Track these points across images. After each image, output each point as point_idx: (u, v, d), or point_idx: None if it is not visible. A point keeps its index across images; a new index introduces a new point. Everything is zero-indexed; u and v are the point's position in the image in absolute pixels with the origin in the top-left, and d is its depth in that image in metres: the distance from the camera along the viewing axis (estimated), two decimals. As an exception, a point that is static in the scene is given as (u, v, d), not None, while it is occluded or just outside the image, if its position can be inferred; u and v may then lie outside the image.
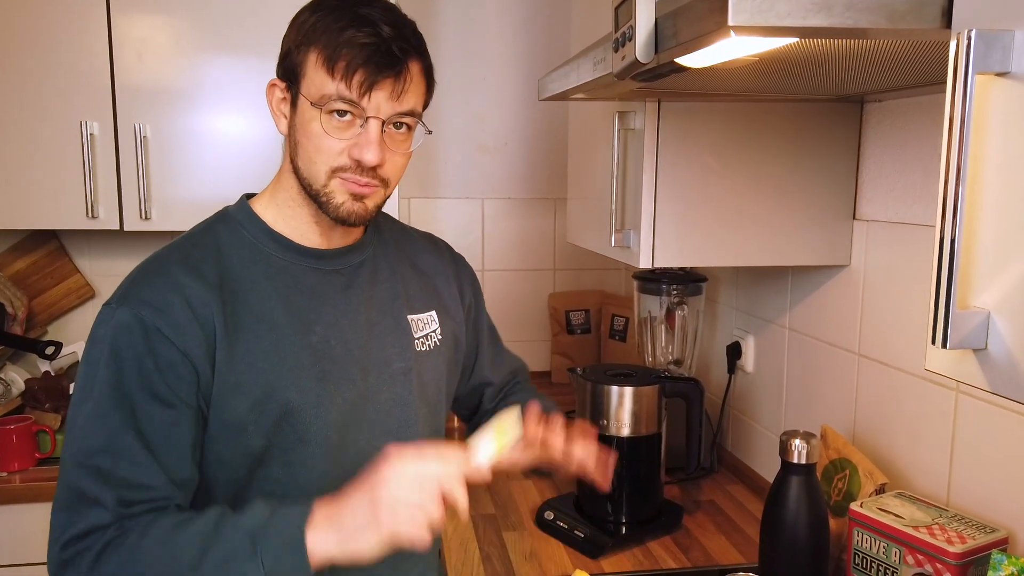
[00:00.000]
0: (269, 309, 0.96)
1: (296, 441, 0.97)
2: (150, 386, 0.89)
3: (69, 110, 1.84)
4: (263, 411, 0.94)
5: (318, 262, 1.01)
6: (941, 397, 1.16)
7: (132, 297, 0.91)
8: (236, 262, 0.97)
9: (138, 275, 0.95)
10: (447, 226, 2.42)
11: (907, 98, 1.23)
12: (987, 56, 0.54)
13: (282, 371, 0.95)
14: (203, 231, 1.01)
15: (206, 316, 0.92)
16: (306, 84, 0.91)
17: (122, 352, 0.89)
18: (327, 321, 1.00)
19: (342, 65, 0.88)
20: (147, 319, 0.89)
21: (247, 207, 1.02)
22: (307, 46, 0.90)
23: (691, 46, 0.67)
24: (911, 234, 1.23)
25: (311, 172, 0.94)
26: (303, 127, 0.93)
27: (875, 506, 1.10)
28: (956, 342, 0.58)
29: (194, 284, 0.92)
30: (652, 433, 1.46)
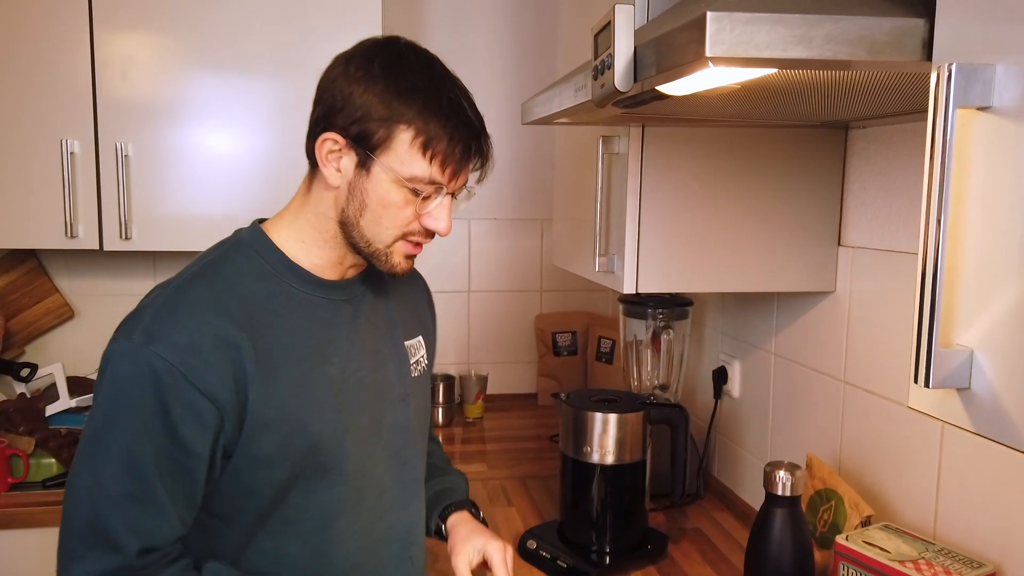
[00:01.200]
0: (294, 343, 0.97)
1: (318, 470, 0.99)
2: (176, 434, 0.89)
3: (49, 128, 1.82)
4: (291, 445, 0.96)
5: (331, 292, 1.03)
6: (927, 427, 1.15)
7: (159, 337, 0.89)
8: (259, 294, 0.97)
9: (162, 310, 0.92)
10: (433, 246, 2.38)
11: (891, 125, 1.23)
12: (968, 90, 0.53)
13: (310, 405, 0.98)
14: (221, 260, 0.99)
15: (237, 358, 0.91)
16: (392, 157, 0.93)
17: (150, 396, 0.88)
18: (342, 352, 1.02)
19: (441, 156, 0.93)
20: (176, 364, 0.88)
21: (264, 236, 1.01)
22: (397, 123, 0.92)
23: (670, 75, 0.66)
24: (896, 261, 1.22)
25: (376, 233, 0.97)
26: (378, 194, 0.94)
27: (861, 539, 1.08)
28: (939, 381, 0.57)
29: (223, 322, 0.92)
30: (636, 460, 1.44)
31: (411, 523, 1.14)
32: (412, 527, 1.15)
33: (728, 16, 0.57)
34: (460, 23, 2.34)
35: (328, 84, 0.96)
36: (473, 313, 2.46)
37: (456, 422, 2.29)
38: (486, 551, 1.12)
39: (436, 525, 1.22)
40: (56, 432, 1.82)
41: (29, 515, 1.67)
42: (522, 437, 2.16)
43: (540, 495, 1.74)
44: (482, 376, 2.32)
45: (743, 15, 0.57)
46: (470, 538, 1.14)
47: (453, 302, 2.44)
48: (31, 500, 1.70)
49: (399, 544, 1.12)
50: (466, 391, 2.31)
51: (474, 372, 2.33)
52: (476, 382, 2.30)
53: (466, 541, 1.14)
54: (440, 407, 2.25)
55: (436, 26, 2.32)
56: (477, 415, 2.31)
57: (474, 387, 2.30)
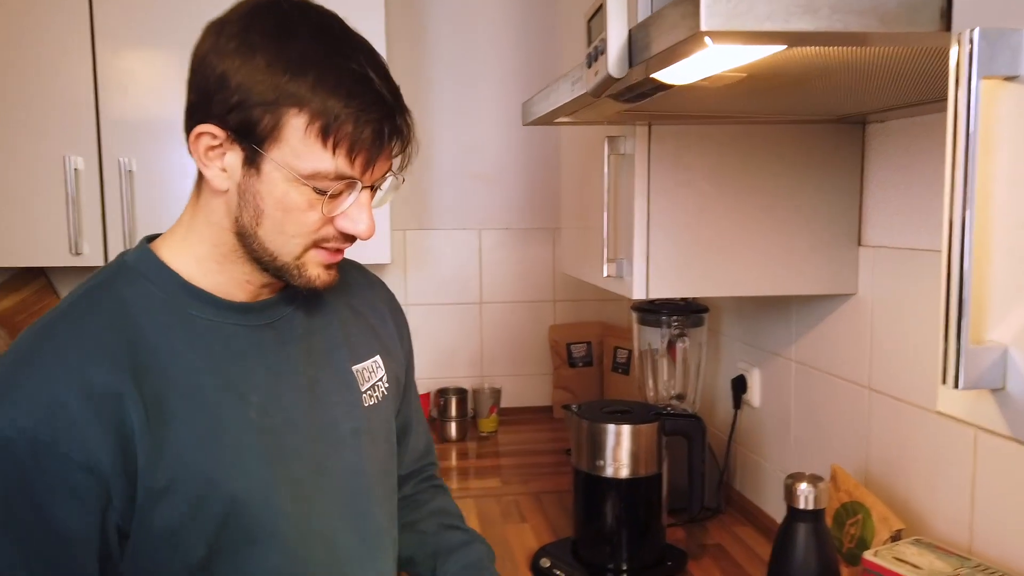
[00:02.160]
0: (198, 384, 0.79)
1: (243, 542, 0.81)
2: (45, 521, 0.71)
3: (52, 144, 1.81)
4: (202, 512, 0.78)
5: (246, 317, 0.85)
6: (959, 435, 1.08)
7: (9, 398, 0.70)
8: (149, 329, 0.78)
9: (17, 362, 0.73)
10: (444, 257, 2.37)
11: (912, 118, 1.17)
12: (993, 58, 0.48)
13: (223, 460, 0.79)
14: (99, 289, 0.80)
15: (117, 411, 0.73)
16: (283, 150, 0.75)
17: (7, 480, 0.70)
18: (264, 388, 0.84)
19: (345, 142, 0.75)
20: (34, 433, 0.69)
21: (152, 257, 0.83)
22: (285, 105, 0.73)
23: (666, 57, 0.61)
24: (921, 260, 1.16)
25: (280, 244, 0.80)
26: (273, 196, 0.77)
27: (891, 555, 1.01)
28: (970, 382, 0.51)
29: (96, 369, 0.73)
30: (652, 474, 1.38)
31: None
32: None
33: (725, -14, 0.52)
34: (465, 33, 2.31)
35: (199, 61, 0.77)
36: (486, 325, 2.41)
37: (470, 436, 2.24)
38: None
39: None
40: (62, 452, 1.80)
41: None
42: (537, 451, 2.11)
43: (555, 511, 1.68)
44: (496, 389, 2.28)
45: (741, -15, 0.53)
46: None
47: (465, 314, 2.40)
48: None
49: None
50: (479, 405, 2.26)
51: (487, 385, 2.28)
52: (490, 395, 2.25)
53: None
54: (453, 421, 2.21)
55: (440, 34, 2.29)
56: (491, 429, 2.26)
57: (488, 400, 2.25)
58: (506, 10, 2.32)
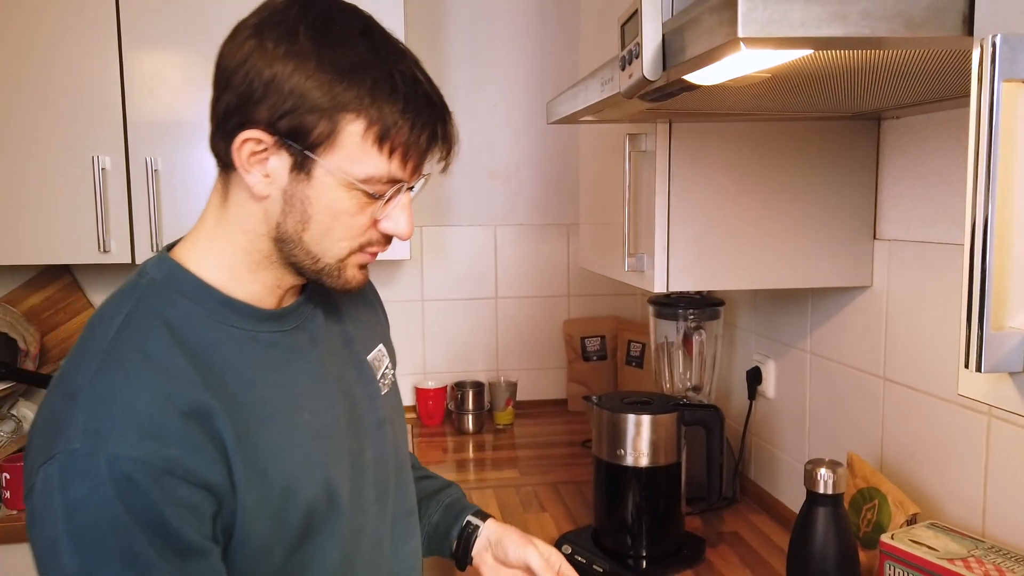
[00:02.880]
0: (257, 397, 0.78)
1: (309, 542, 0.82)
2: (181, 544, 0.69)
3: (81, 145, 1.85)
4: (285, 522, 0.78)
5: (280, 323, 0.85)
6: (973, 421, 1.11)
7: (111, 434, 0.67)
8: (201, 347, 0.76)
9: (99, 400, 0.69)
10: (460, 253, 2.40)
11: (925, 114, 1.20)
12: (1014, 62, 0.51)
13: (294, 469, 0.79)
14: (139, 315, 0.76)
15: (212, 429, 0.72)
16: (337, 156, 0.74)
17: (133, 513, 0.66)
18: (308, 391, 0.85)
19: (400, 148, 0.75)
20: (149, 459, 0.67)
21: (184, 272, 0.80)
22: (342, 112, 0.73)
23: (700, 61, 0.64)
24: (935, 253, 1.19)
25: (324, 249, 0.79)
26: (322, 201, 0.76)
27: (907, 538, 1.05)
28: (991, 365, 0.54)
29: (182, 391, 0.71)
30: (671, 463, 1.42)
31: (410, 566, 1.00)
32: (411, 570, 1.01)
33: (760, -5, 0.56)
34: (482, 30, 2.34)
35: (238, 64, 0.74)
36: (501, 320, 2.45)
37: (487, 429, 2.28)
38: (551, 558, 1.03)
39: (454, 545, 1.09)
40: (92, 445, 1.84)
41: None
42: (553, 443, 2.15)
43: (574, 501, 1.72)
44: (511, 383, 2.31)
45: (776, -6, 0.56)
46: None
47: (481, 309, 2.43)
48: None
49: None
50: (496, 398, 2.30)
51: (503, 379, 2.32)
52: (506, 388, 2.29)
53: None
54: (470, 414, 2.24)
55: (457, 32, 2.32)
56: (507, 422, 2.30)
57: (504, 394, 2.29)
58: (523, 8, 2.35)
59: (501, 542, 1.06)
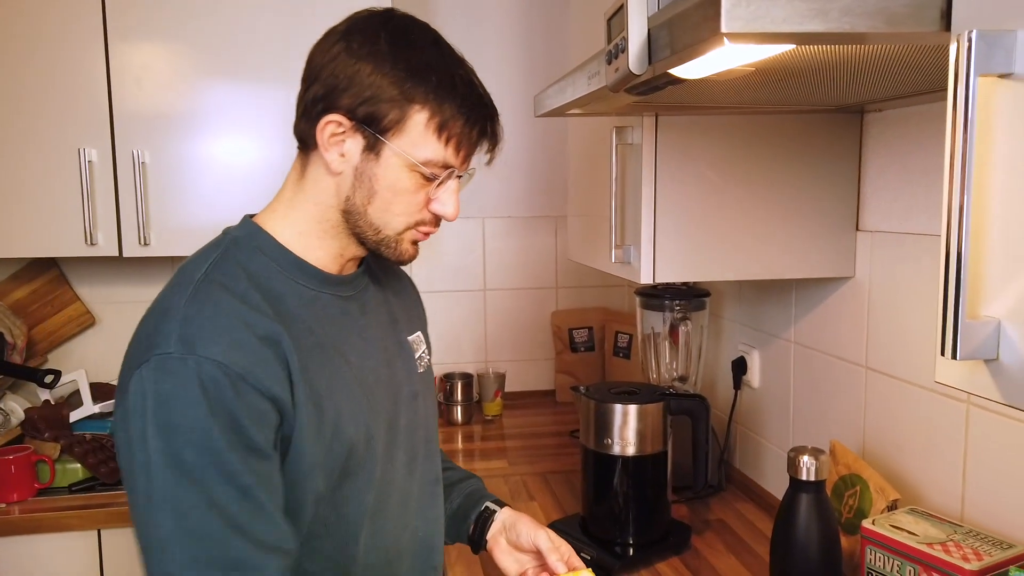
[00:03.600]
0: (315, 343, 0.91)
1: (349, 479, 0.93)
2: (252, 442, 0.81)
3: (67, 137, 1.84)
4: (331, 451, 0.90)
5: (338, 288, 0.97)
6: (951, 409, 1.14)
7: (201, 341, 0.80)
8: (271, 293, 0.89)
9: (190, 315, 0.82)
10: (449, 246, 2.41)
11: (907, 107, 1.22)
12: (989, 57, 0.52)
13: (342, 407, 0.91)
14: (225, 260, 0.90)
15: (281, 354, 0.85)
16: (405, 141, 0.88)
17: (213, 408, 0.78)
18: (358, 350, 0.97)
19: (455, 137, 0.89)
20: (231, 368, 0.79)
21: (263, 232, 0.93)
22: (411, 103, 0.86)
23: (685, 55, 0.65)
24: (916, 244, 1.21)
25: (385, 221, 0.92)
26: (387, 179, 0.89)
27: (887, 523, 1.07)
28: (967, 353, 0.56)
29: (258, 318, 0.85)
30: (658, 451, 1.44)
31: (434, 530, 1.10)
32: (435, 534, 1.10)
33: (743, -9, 0.57)
34: (470, 20, 2.34)
35: (328, 61, 0.88)
36: (489, 311, 2.46)
37: (475, 420, 2.29)
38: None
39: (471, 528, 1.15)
40: (81, 437, 1.84)
41: (56, 520, 1.69)
42: (541, 434, 2.16)
43: (561, 490, 1.74)
44: (500, 374, 2.33)
45: (759, -10, 0.57)
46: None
47: (469, 301, 2.44)
48: (58, 505, 1.72)
49: (424, 554, 1.07)
50: (484, 389, 2.31)
51: (492, 370, 2.33)
52: (494, 380, 2.31)
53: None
54: (459, 405, 2.26)
55: (445, 24, 2.32)
56: (496, 412, 2.31)
57: (492, 385, 2.30)
58: (512, 1, 2.36)
59: (515, 526, 1.11)
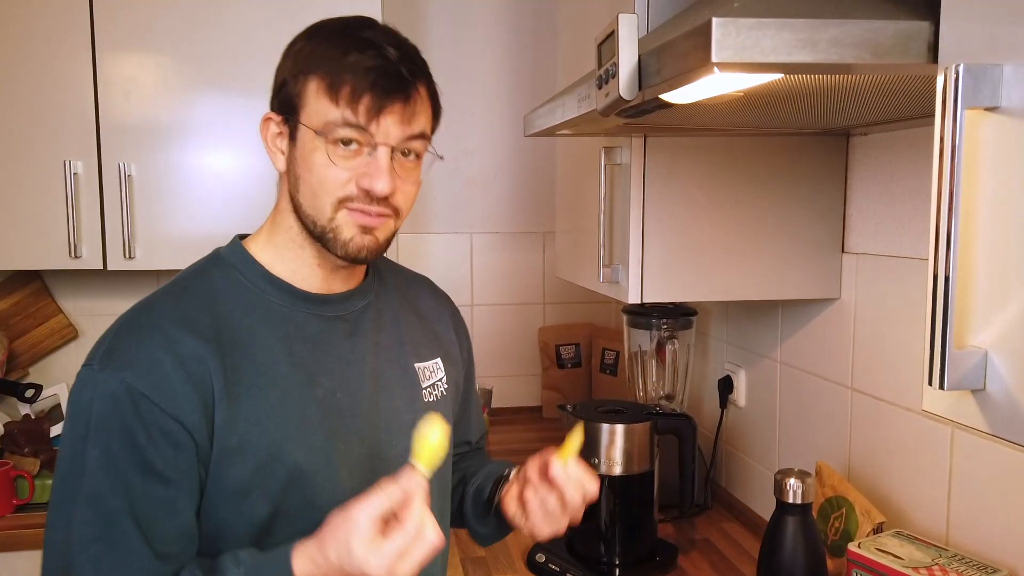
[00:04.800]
0: (272, 361, 0.88)
1: (305, 507, 0.88)
2: (143, 461, 0.81)
3: (52, 149, 1.82)
4: (269, 475, 0.86)
5: (321, 308, 0.94)
6: (936, 432, 1.14)
7: (116, 358, 0.83)
8: (234, 310, 0.89)
9: (122, 330, 0.86)
10: (436, 260, 2.40)
11: (892, 131, 1.23)
12: (976, 91, 0.53)
13: (288, 430, 0.87)
14: (195, 276, 0.93)
15: (202, 374, 0.83)
16: (307, 114, 0.85)
17: (110, 425, 0.81)
18: (333, 372, 0.92)
19: (347, 90, 0.83)
20: (133, 384, 0.81)
21: (241, 249, 0.94)
22: (306, 74, 0.85)
23: (675, 82, 0.66)
24: (901, 267, 1.22)
25: (315, 207, 0.87)
26: (304, 159, 0.86)
27: (873, 546, 1.07)
28: (954, 383, 0.56)
29: (187, 338, 0.84)
30: (645, 471, 1.43)
31: (433, 566, 0.99)
32: (433, 568, 1.01)
33: (733, 22, 0.57)
34: (460, 39, 2.35)
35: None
36: (476, 327, 2.45)
37: (461, 437, 2.28)
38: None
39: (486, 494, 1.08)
40: (60, 453, 1.81)
41: (36, 537, 1.66)
42: (528, 451, 2.12)
43: (548, 508, 1.72)
44: (486, 390, 2.31)
45: (748, 20, 0.58)
46: None
47: (456, 316, 2.43)
48: (38, 521, 1.69)
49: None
50: (471, 405, 2.30)
51: (478, 386, 2.31)
52: (481, 396, 2.29)
53: None
54: (445, 422, 2.24)
55: (435, 40, 2.33)
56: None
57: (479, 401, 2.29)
58: (501, 17, 2.37)
59: (522, 469, 1.03)
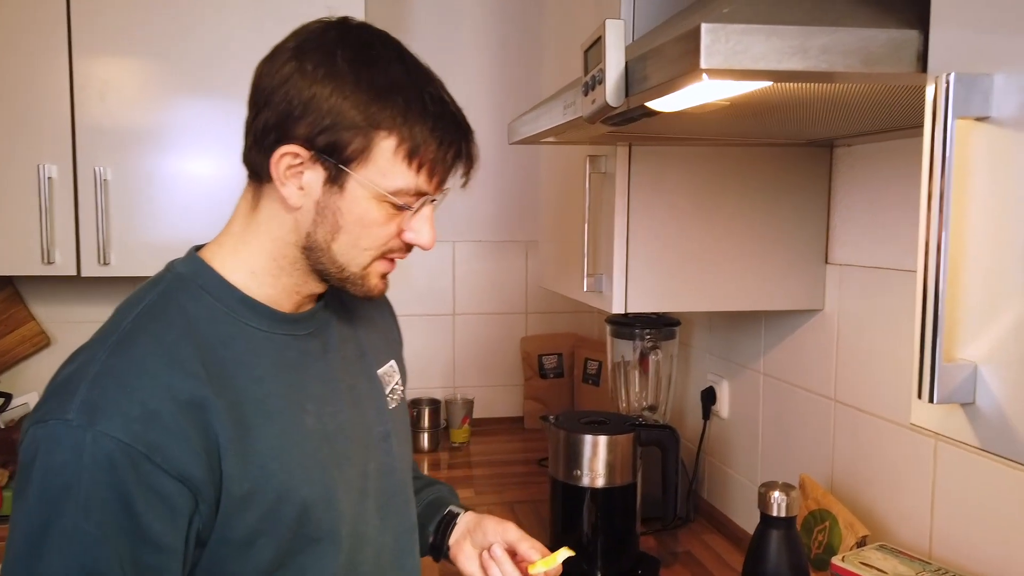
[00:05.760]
0: (264, 393, 0.82)
1: (308, 542, 0.84)
2: (141, 530, 0.72)
3: (26, 152, 1.78)
4: (277, 518, 0.81)
5: (294, 327, 0.88)
6: (919, 445, 1.14)
7: (103, 412, 0.71)
8: (215, 340, 0.81)
9: (103, 376, 0.74)
10: (418, 269, 2.38)
11: (876, 143, 1.23)
12: (967, 100, 0.52)
13: (293, 467, 0.82)
14: (162, 303, 0.82)
15: (205, 422, 0.75)
16: (369, 170, 0.79)
17: (106, 492, 0.71)
18: (316, 396, 0.88)
19: (428, 163, 0.81)
20: (133, 443, 0.71)
21: (209, 269, 0.85)
22: (376, 129, 0.78)
23: (663, 89, 0.65)
24: (884, 278, 1.22)
25: (351, 256, 0.83)
26: (354, 212, 0.81)
27: (857, 560, 1.06)
28: (943, 396, 0.55)
29: (181, 380, 0.75)
30: (627, 483, 1.42)
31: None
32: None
33: (723, 28, 0.56)
34: (444, 47, 2.34)
35: (278, 84, 0.79)
36: (458, 336, 2.43)
37: (442, 447, 2.25)
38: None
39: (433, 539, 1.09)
40: (30, 463, 1.77)
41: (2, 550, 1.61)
42: (509, 462, 2.13)
43: (529, 521, 1.71)
44: (468, 400, 2.30)
45: (738, 27, 0.57)
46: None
47: (438, 325, 2.42)
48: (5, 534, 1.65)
49: None
50: (452, 415, 2.28)
51: (460, 396, 2.30)
52: (462, 406, 2.27)
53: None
54: (426, 432, 2.22)
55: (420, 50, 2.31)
56: (463, 440, 2.28)
57: (460, 411, 2.27)
58: (486, 26, 2.36)
59: (480, 525, 1.05)
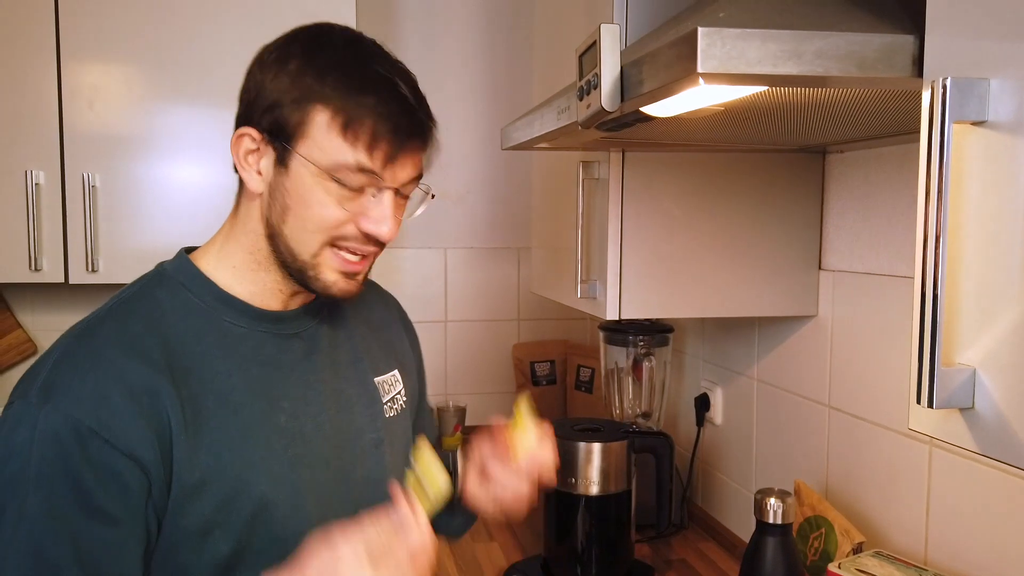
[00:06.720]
0: (230, 388, 0.83)
1: (271, 541, 0.83)
2: (90, 504, 0.74)
3: (14, 158, 1.77)
4: (232, 511, 0.81)
5: (276, 326, 0.89)
6: (914, 451, 1.13)
7: (59, 393, 0.75)
8: (185, 334, 0.83)
9: (62, 360, 0.78)
10: (410, 276, 2.37)
11: (868, 149, 1.24)
12: (963, 105, 0.52)
13: (253, 461, 0.82)
14: (137, 296, 0.85)
15: (156, 407, 0.77)
16: (308, 145, 0.79)
17: (54, 467, 0.73)
18: (294, 396, 0.88)
19: (366, 134, 0.78)
20: (82, 422, 0.73)
21: (190, 265, 0.87)
22: (311, 102, 0.78)
23: (659, 93, 0.65)
24: (878, 284, 1.22)
25: (301, 241, 0.82)
26: (298, 192, 0.80)
27: (853, 567, 1.06)
28: (942, 401, 0.55)
29: (137, 368, 0.77)
30: (621, 490, 1.41)
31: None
32: None
33: (719, 32, 0.56)
34: (435, 52, 2.34)
35: (245, 79, 0.84)
36: (450, 343, 2.42)
37: (434, 455, 2.24)
38: None
39: None
40: (17, 473, 1.75)
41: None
42: (502, 469, 2.12)
43: (522, 529, 1.70)
44: (460, 407, 2.28)
45: (734, 31, 0.56)
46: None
47: (430, 332, 2.40)
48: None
49: None
50: (444, 423, 2.26)
51: (452, 403, 2.29)
52: (454, 413, 2.26)
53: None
54: (418, 440, 2.21)
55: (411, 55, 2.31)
56: (455, 447, 2.26)
57: (452, 419, 2.26)
58: (475, 30, 2.36)
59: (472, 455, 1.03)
